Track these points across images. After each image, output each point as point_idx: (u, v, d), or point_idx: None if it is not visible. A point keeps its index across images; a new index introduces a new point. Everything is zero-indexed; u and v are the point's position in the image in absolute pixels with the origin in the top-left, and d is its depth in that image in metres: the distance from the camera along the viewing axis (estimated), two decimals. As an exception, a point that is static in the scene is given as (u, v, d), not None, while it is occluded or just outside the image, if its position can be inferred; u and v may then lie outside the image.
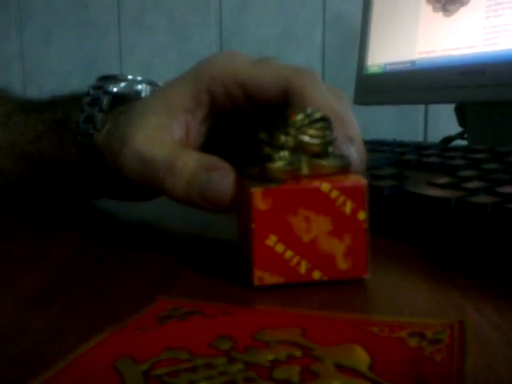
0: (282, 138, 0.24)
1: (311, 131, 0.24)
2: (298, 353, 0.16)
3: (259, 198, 0.23)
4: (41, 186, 0.39)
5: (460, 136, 0.69)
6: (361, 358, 0.16)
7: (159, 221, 0.39)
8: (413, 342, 0.17)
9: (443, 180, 0.33)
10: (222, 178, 0.26)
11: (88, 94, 0.35)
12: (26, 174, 0.38)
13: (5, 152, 0.38)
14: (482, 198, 0.28)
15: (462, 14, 0.56)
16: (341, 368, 0.15)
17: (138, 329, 0.18)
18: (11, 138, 0.38)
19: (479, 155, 0.39)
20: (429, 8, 0.61)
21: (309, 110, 0.24)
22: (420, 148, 0.46)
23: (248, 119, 0.31)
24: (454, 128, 0.69)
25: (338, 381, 0.14)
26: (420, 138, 0.93)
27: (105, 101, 0.34)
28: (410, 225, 0.32)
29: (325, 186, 0.23)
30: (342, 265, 0.24)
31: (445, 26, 0.59)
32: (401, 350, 0.16)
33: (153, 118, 0.29)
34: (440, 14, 0.59)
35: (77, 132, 0.34)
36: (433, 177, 0.35)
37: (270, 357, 0.16)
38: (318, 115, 0.24)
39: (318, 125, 0.24)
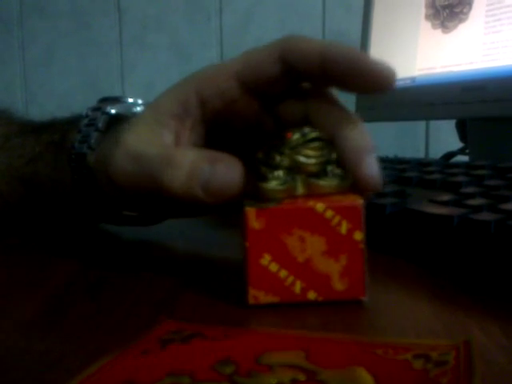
0: (277, 158, 0.24)
1: (307, 151, 0.24)
2: (302, 376, 0.16)
3: (253, 217, 0.23)
4: (38, 208, 0.39)
5: (461, 152, 0.68)
6: (366, 381, 0.15)
7: (159, 241, 0.39)
8: (418, 365, 0.17)
9: (445, 197, 0.33)
10: (229, 168, 0.24)
11: (87, 115, 0.35)
12: (23, 196, 0.38)
13: (2, 174, 0.38)
14: (485, 216, 0.28)
15: (461, 30, 0.57)
16: None
17: (141, 353, 0.18)
18: (8, 160, 0.38)
19: (481, 171, 0.39)
20: (428, 25, 0.61)
21: (305, 130, 0.25)
22: (421, 165, 0.46)
23: (243, 123, 0.30)
24: (455, 143, 0.69)
25: None
26: (421, 154, 0.93)
27: (101, 121, 0.34)
28: (412, 243, 0.32)
29: (319, 206, 0.23)
30: (338, 285, 0.23)
31: (444, 42, 0.59)
32: (406, 373, 0.16)
33: (142, 125, 0.29)
34: (439, 31, 0.60)
35: (71, 152, 0.34)
36: (435, 194, 0.34)
37: (274, 381, 0.16)
38: (313, 134, 0.24)
39: (314, 144, 0.24)
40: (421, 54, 0.62)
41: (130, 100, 0.37)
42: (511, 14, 0.51)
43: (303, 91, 0.29)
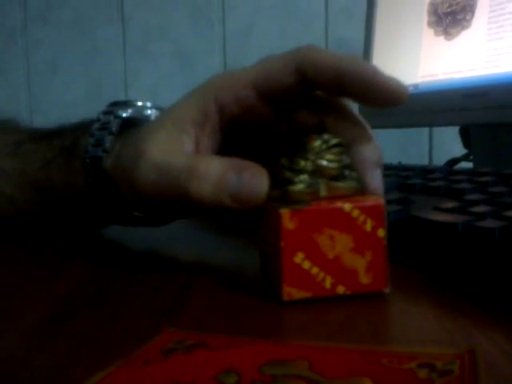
0: (302, 163, 0.26)
1: (329, 156, 0.26)
2: None
3: (287, 219, 0.24)
4: (51, 214, 0.39)
5: (465, 158, 0.68)
6: None
7: (164, 247, 0.39)
8: (422, 374, 0.16)
9: (450, 204, 0.33)
10: (256, 176, 0.26)
11: (98, 119, 0.36)
12: (36, 202, 0.38)
13: (14, 181, 0.38)
14: (490, 223, 0.28)
15: (464, 37, 0.57)
16: None
17: (143, 363, 0.18)
18: (21, 166, 0.38)
19: (485, 178, 0.39)
20: (430, 32, 0.61)
21: (326, 137, 0.26)
22: (425, 171, 0.46)
23: (258, 128, 0.31)
24: (459, 150, 0.69)
25: None
26: (425, 161, 0.93)
27: (115, 124, 0.35)
28: (416, 250, 0.32)
29: (347, 206, 0.25)
30: (364, 279, 0.25)
31: (447, 49, 0.59)
32: (410, 382, 0.16)
33: (163, 132, 0.30)
34: (442, 38, 0.60)
35: (85, 156, 0.34)
36: (439, 201, 0.34)
37: None
38: (334, 141, 0.26)
39: (335, 150, 0.26)
40: (423, 60, 0.62)
41: (140, 103, 0.37)
42: (514, 20, 0.51)
43: (318, 99, 0.31)
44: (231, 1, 1.00)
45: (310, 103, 0.31)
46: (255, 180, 0.26)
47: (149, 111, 0.37)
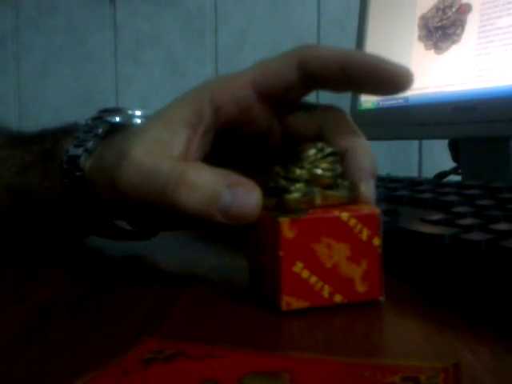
0: (297, 172, 0.26)
1: (324, 165, 0.26)
2: None
3: (287, 228, 0.24)
4: (27, 219, 0.38)
5: (454, 171, 0.69)
6: None
7: (148, 254, 0.39)
8: None
9: (437, 216, 0.33)
10: (248, 194, 0.25)
11: (86, 124, 0.35)
12: (12, 208, 0.37)
13: None
14: (476, 235, 0.28)
15: (454, 51, 0.57)
16: None
17: (121, 373, 0.17)
18: None
19: (472, 191, 0.39)
20: (421, 46, 0.62)
21: (320, 145, 0.26)
22: (413, 184, 0.46)
23: (252, 130, 0.31)
24: (448, 163, 0.69)
25: None
26: (415, 173, 0.94)
27: (101, 128, 0.34)
28: (402, 262, 0.31)
29: (344, 215, 0.25)
30: (360, 288, 0.25)
31: (437, 63, 0.59)
32: None
33: (151, 132, 0.28)
34: (432, 52, 0.60)
35: (64, 155, 0.33)
36: (426, 213, 0.34)
37: None
38: (329, 150, 0.26)
39: (330, 159, 0.26)
40: (414, 74, 0.62)
41: (130, 111, 0.36)
42: (503, 36, 0.52)
43: (315, 107, 0.31)
44: (224, 11, 1.00)
45: (308, 111, 0.31)
46: (248, 197, 0.25)
47: (138, 120, 0.36)
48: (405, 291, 0.28)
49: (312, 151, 0.26)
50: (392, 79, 0.27)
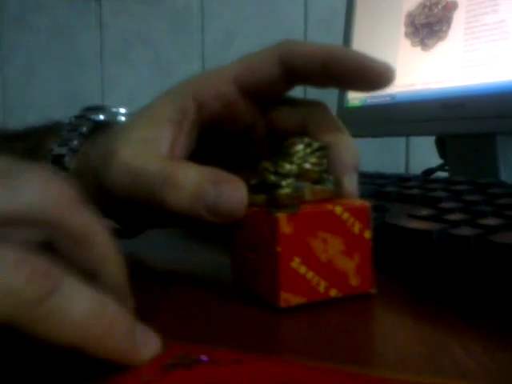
0: (287, 167, 0.25)
1: (312, 159, 0.26)
2: None
3: (284, 223, 0.24)
4: None
5: (441, 168, 0.69)
6: None
7: (135, 252, 0.38)
8: None
9: (425, 212, 0.32)
10: (234, 191, 0.25)
11: (70, 122, 0.35)
12: None
13: None
14: (465, 230, 0.28)
15: (440, 48, 0.57)
16: None
17: (140, 379, 0.17)
18: None
19: (460, 187, 0.39)
20: (407, 42, 0.62)
21: (307, 140, 0.26)
22: (401, 180, 0.46)
23: (237, 126, 0.30)
24: (435, 160, 0.69)
25: None
26: (402, 170, 0.94)
27: (85, 126, 0.33)
28: (391, 258, 0.31)
29: (338, 209, 0.25)
30: (353, 281, 0.25)
31: (424, 60, 0.59)
32: None
33: (136, 132, 0.28)
34: (418, 49, 0.60)
35: (48, 155, 0.32)
36: (414, 209, 0.34)
37: None
38: (317, 145, 0.26)
39: (318, 153, 0.26)
40: (400, 71, 0.62)
41: (114, 109, 0.36)
42: (489, 32, 0.52)
43: (299, 102, 0.31)
44: (210, 10, 0.99)
45: (291, 106, 0.30)
46: (234, 193, 0.25)
47: (122, 118, 0.36)
48: (394, 287, 0.28)
49: (300, 146, 0.26)
50: (374, 75, 0.27)
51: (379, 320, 0.24)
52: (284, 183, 0.25)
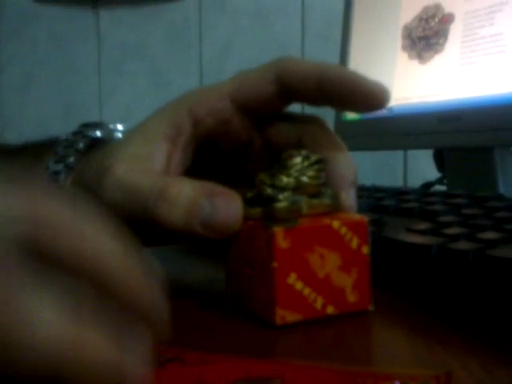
0: (285, 180, 0.25)
1: (310, 173, 0.26)
2: None
3: (281, 238, 0.23)
4: None
5: (439, 181, 0.69)
6: None
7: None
8: None
9: (423, 226, 0.32)
10: (229, 204, 0.25)
11: (66, 139, 0.34)
12: None
13: None
14: (463, 245, 0.27)
15: (437, 61, 0.57)
16: None
17: None
18: None
19: (458, 200, 0.39)
20: (404, 55, 0.62)
21: (305, 153, 0.26)
22: (399, 193, 0.46)
23: (233, 142, 0.30)
24: (433, 173, 0.69)
25: None
26: (400, 184, 0.94)
27: (81, 143, 0.33)
28: (389, 272, 0.31)
29: (335, 223, 0.24)
30: (351, 298, 0.25)
31: (421, 72, 0.59)
32: None
33: (131, 148, 0.28)
34: (415, 62, 0.60)
35: (44, 174, 0.32)
36: (412, 222, 0.34)
37: None
38: (315, 158, 0.26)
39: (316, 166, 0.26)
40: (397, 84, 0.62)
41: (111, 126, 0.36)
42: (486, 45, 0.52)
43: (295, 117, 0.30)
44: (208, 22, 1.00)
45: (287, 121, 0.30)
46: (229, 207, 0.24)
47: (120, 134, 0.36)
48: (392, 302, 0.28)
49: (298, 159, 0.26)
50: (368, 96, 0.27)
51: (376, 336, 0.24)
52: (281, 196, 0.25)
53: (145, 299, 0.16)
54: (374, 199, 0.43)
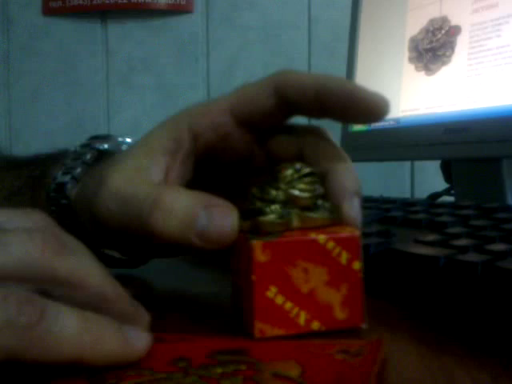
0: (273, 193, 0.25)
1: (301, 185, 0.25)
2: (243, 367, 0.19)
3: (259, 250, 0.23)
4: None
5: (447, 192, 0.68)
6: (293, 368, 0.19)
7: (136, 279, 0.38)
8: (339, 357, 0.20)
9: (431, 237, 0.32)
10: (225, 215, 0.24)
11: (74, 151, 0.35)
12: None
13: None
14: (472, 256, 0.27)
15: (444, 72, 0.57)
16: (277, 376, 0.18)
17: None
18: None
19: (467, 211, 0.38)
20: (411, 67, 0.62)
21: (298, 166, 0.25)
22: (407, 204, 0.46)
23: (234, 156, 0.30)
24: (440, 184, 0.69)
25: None
26: (407, 195, 0.93)
27: (89, 155, 0.34)
28: (397, 284, 0.31)
29: (321, 238, 0.24)
30: (340, 314, 0.24)
31: (427, 84, 0.59)
32: (329, 363, 0.20)
33: (130, 160, 0.28)
34: (422, 73, 0.60)
35: (52, 183, 0.33)
36: (420, 234, 0.34)
37: (219, 370, 0.19)
38: (307, 170, 0.25)
39: (308, 179, 0.25)
40: (404, 95, 0.62)
41: (120, 139, 0.36)
42: (493, 57, 0.52)
43: (296, 129, 0.30)
44: (216, 36, 1.01)
45: (288, 133, 0.30)
46: (224, 219, 0.24)
47: (126, 147, 0.36)
48: (399, 314, 0.27)
49: (289, 171, 0.25)
50: (368, 107, 0.27)
51: (384, 348, 0.24)
52: (268, 210, 0.24)
53: (126, 303, 0.21)
54: (381, 210, 0.43)
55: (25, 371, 0.18)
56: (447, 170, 0.65)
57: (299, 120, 0.31)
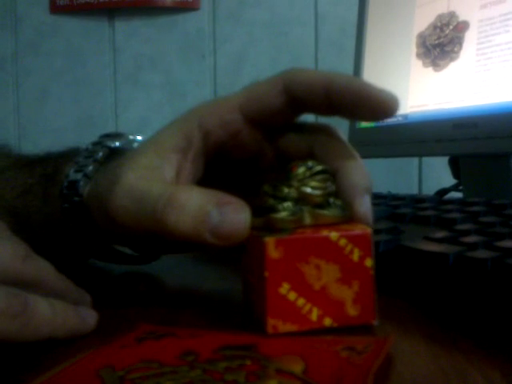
0: (285, 190, 0.25)
1: (313, 183, 0.25)
2: (248, 362, 0.20)
3: (272, 247, 0.23)
4: (29, 242, 0.37)
5: (455, 188, 0.68)
6: (297, 364, 0.19)
7: (147, 276, 0.38)
8: (344, 354, 0.20)
9: (440, 234, 0.32)
10: (237, 213, 0.24)
11: (86, 149, 0.35)
12: (13, 230, 0.37)
13: None
14: (482, 253, 0.27)
15: (452, 68, 0.57)
16: (280, 372, 0.19)
17: (119, 347, 0.22)
18: (0, 192, 0.37)
19: (476, 208, 0.38)
20: (419, 63, 0.62)
21: (310, 163, 0.26)
22: (415, 201, 0.46)
23: (244, 154, 0.30)
24: (448, 180, 0.69)
25: (275, 380, 0.18)
26: (414, 191, 0.93)
27: (100, 153, 0.34)
28: (406, 281, 0.31)
29: (333, 235, 0.24)
30: (352, 311, 0.24)
31: (435, 80, 0.59)
32: (334, 360, 0.20)
33: (143, 159, 0.28)
34: (430, 69, 0.60)
35: (64, 180, 0.33)
36: (429, 231, 0.34)
37: (224, 365, 0.19)
38: (319, 168, 0.26)
39: (319, 177, 0.26)
40: (412, 91, 0.62)
41: (131, 136, 0.36)
42: (501, 52, 0.52)
43: (306, 126, 0.30)
44: (222, 33, 1.01)
45: (298, 130, 0.30)
46: (237, 216, 0.24)
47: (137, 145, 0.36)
48: (409, 311, 0.28)
49: (301, 169, 0.25)
50: (377, 104, 0.27)
51: (395, 345, 0.24)
52: (280, 207, 0.25)
53: (73, 291, 0.27)
54: (390, 207, 0.43)
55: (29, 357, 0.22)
56: (455, 166, 0.65)
57: (308, 117, 0.31)
